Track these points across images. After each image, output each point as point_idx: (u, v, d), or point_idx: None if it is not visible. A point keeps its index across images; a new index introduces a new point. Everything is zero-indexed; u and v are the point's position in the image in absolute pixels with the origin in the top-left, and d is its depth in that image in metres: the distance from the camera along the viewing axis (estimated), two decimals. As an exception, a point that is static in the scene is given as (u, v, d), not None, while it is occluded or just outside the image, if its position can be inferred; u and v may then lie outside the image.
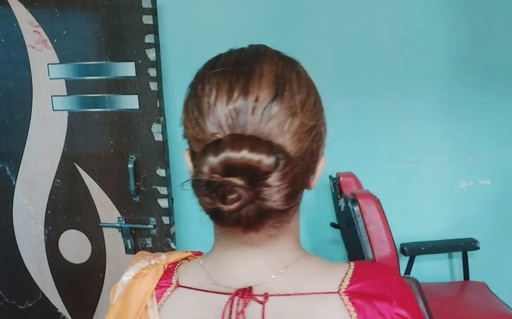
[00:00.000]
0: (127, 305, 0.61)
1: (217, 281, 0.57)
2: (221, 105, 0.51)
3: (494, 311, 1.91)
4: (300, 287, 0.54)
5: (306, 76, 0.56)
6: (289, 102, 0.51)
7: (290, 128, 0.50)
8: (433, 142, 2.27)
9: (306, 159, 0.53)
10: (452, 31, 2.18)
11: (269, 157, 0.47)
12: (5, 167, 1.95)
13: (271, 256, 0.56)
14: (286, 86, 0.51)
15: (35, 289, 2.04)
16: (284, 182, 0.48)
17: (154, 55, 1.75)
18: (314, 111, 0.53)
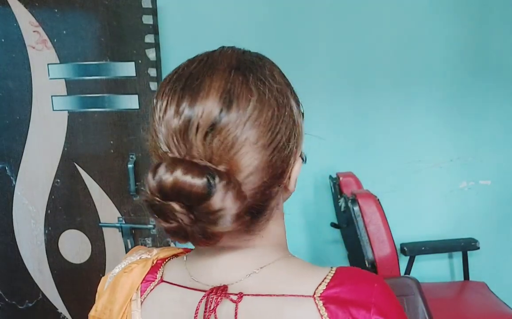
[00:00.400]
0: (113, 297, 0.62)
1: (195, 277, 0.58)
2: (168, 124, 0.50)
3: (494, 311, 1.91)
4: (275, 288, 0.54)
5: (265, 87, 0.52)
6: (235, 120, 0.49)
7: (237, 147, 0.49)
8: (433, 142, 2.27)
9: (265, 173, 0.52)
10: (453, 31, 2.18)
11: (202, 180, 0.46)
12: (5, 167, 1.95)
13: (248, 256, 0.56)
14: (233, 104, 0.50)
15: (35, 289, 2.04)
16: (227, 206, 0.47)
17: (154, 55, 1.75)
18: (269, 124, 0.51)
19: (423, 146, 2.27)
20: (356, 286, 0.53)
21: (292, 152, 0.55)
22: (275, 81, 0.54)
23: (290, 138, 0.54)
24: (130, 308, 0.61)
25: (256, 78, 0.52)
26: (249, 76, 0.52)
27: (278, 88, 0.54)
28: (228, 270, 0.56)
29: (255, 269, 0.55)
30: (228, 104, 0.49)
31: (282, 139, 0.53)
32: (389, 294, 0.54)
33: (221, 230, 0.49)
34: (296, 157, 0.57)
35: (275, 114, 0.52)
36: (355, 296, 0.52)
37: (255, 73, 0.53)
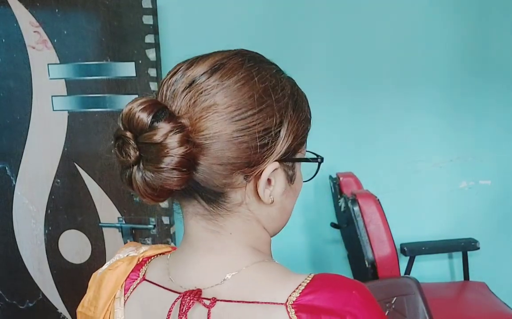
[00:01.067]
0: (98, 293, 0.64)
1: (173, 278, 0.59)
2: (165, 79, 0.56)
3: (494, 311, 1.91)
4: (248, 294, 0.53)
5: (257, 73, 0.55)
6: (212, 83, 0.52)
7: (205, 106, 0.52)
8: (433, 142, 2.27)
9: (228, 149, 0.52)
10: (453, 31, 2.18)
11: (149, 114, 0.49)
12: (5, 167, 1.95)
13: (223, 258, 0.57)
14: (217, 71, 0.53)
15: (35, 289, 2.04)
16: (169, 144, 0.49)
17: (154, 55, 1.75)
18: (246, 103, 0.53)
19: (423, 146, 2.27)
20: (332, 294, 0.51)
21: (267, 150, 0.54)
22: (273, 79, 0.56)
23: (268, 132, 0.54)
24: (114, 306, 0.62)
25: (252, 65, 0.55)
26: (248, 62, 0.55)
27: (274, 86, 0.55)
28: (204, 273, 0.57)
29: (230, 273, 0.56)
30: (213, 70, 0.53)
31: (256, 127, 0.53)
32: (368, 302, 0.52)
33: (165, 176, 0.50)
34: (270, 159, 0.55)
35: (254, 98, 0.53)
36: (330, 304, 0.50)
37: (256, 63, 0.56)
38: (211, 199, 0.55)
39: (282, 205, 0.60)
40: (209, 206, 0.56)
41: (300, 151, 0.60)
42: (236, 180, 0.55)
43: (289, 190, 0.60)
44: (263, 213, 0.59)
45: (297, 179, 0.61)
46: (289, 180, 0.59)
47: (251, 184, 0.56)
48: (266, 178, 0.55)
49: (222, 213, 0.56)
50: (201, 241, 0.58)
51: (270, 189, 0.57)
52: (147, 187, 0.51)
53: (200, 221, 0.57)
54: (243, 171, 0.54)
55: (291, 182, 0.60)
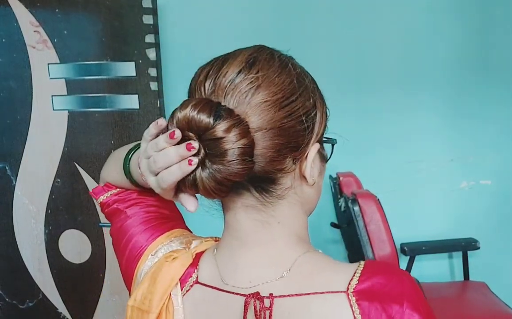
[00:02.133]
0: (154, 287, 0.61)
1: (224, 278, 0.59)
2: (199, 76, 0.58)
3: (494, 311, 1.91)
4: (304, 286, 0.54)
5: (288, 62, 0.58)
6: (256, 74, 0.54)
7: (252, 97, 0.53)
8: (433, 141, 2.27)
9: (276, 135, 0.54)
10: (454, 31, 2.18)
11: (209, 114, 0.51)
12: (5, 167, 1.95)
13: (271, 252, 0.58)
14: (256, 63, 0.55)
15: (36, 289, 2.04)
16: (231, 137, 0.51)
17: (154, 55, 1.75)
18: (287, 88, 0.55)
19: (424, 146, 2.27)
20: (387, 280, 0.52)
21: (309, 131, 0.57)
22: (299, 66, 0.60)
23: (308, 115, 0.57)
24: (171, 302, 0.61)
25: (280, 55, 0.58)
26: (275, 52, 0.59)
27: (303, 71, 0.60)
28: (255, 270, 0.57)
29: (283, 268, 0.56)
30: (250, 64, 0.55)
31: (299, 111, 0.55)
32: (417, 288, 0.53)
33: (229, 168, 0.51)
34: (312, 141, 0.58)
35: (294, 83, 0.56)
36: (387, 290, 0.51)
37: (281, 53, 0.59)
38: (263, 188, 0.57)
39: (318, 185, 0.62)
40: (261, 196, 0.57)
41: (325, 133, 0.63)
42: (287, 165, 0.56)
43: (322, 170, 0.63)
44: (305, 195, 0.60)
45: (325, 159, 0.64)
46: (323, 159, 0.63)
47: (297, 167, 0.58)
48: (311, 159, 0.58)
49: (272, 201, 0.57)
50: (249, 234, 0.58)
51: (313, 170, 0.59)
52: (213, 183, 0.53)
53: (251, 212, 0.58)
54: (293, 155, 0.56)
55: (324, 161, 0.63)
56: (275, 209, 0.58)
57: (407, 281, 0.52)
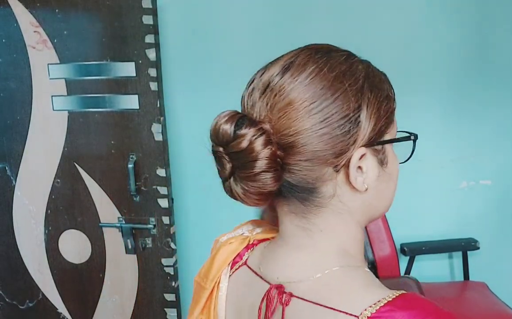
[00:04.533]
0: (211, 266, 0.68)
1: (261, 267, 0.62)
2: (246, 89, 0.58)
3: (494, 311, 1.91)
4: (325, 298, 0.53)
5: (326, 63, 0.55)
6: (287, 82, 0.53)
7: (284, 105, 0.53)
8: (433, 141, 2.27)
9: (311, 142, 0.52)
10: (454, 31, 2.18)
11: (231, 125, 0.52)
12: (5, 167, 1.95)
13: (310, 257, 0.57)
14: (289, 70, 0.54)
15: (35, 289, 2.04)
16: (255, 148, 0.51)
17: (154, 55, 1.75)
18: (320, 93, 0.53)
19: (423, 146, 2.25)
20: (408, 316, 0.48)
21: (350, 137, 0.53)
22: (343, 65, 0.56)
23: (347, 119, 0.53)
24: (220, 280, 0.66)
25: (320, 57, 0.56)
26: (315, 54, 0.56)
27: (345, 72, 0.55)
28: (288, 269, 0.58)
29: (313, 273, 0.56)
30: (284, 70, 0.54)
31: (334, 116, 0.53)
32: None
33: (256, 179, 0.52)
34: (356, 145, 0.54)
35: (327, 88, 0.53)
36: None
37: (323, 54, 0.57)
38: (304, 196, 0.56)
39: (377, 190, 0.58)
40: (302, 204, 0.56)
41: (388, 132, 0.59)
42: (325, 173, 0.54)
43: (383, 174, 0.59)
44: (358, 202, 0.57)
45: (391, 161, 0.60)
46: (381, 163, 0.58)
47: (341, 174, 0.55)
48: (355, 165, 0.54)
49: (314, 210, 0.56)
50: (292, 237, 0.58)
51: (363, 176, 0.56)
52: (247, 193, 0.54)
53: (293, 219, 0.58)
54: (331, 162, 0.54)
55: (383, 165, 0.59)
56: (318, 217, 0.57)
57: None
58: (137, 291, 1.97)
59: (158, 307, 1.96)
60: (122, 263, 1.95)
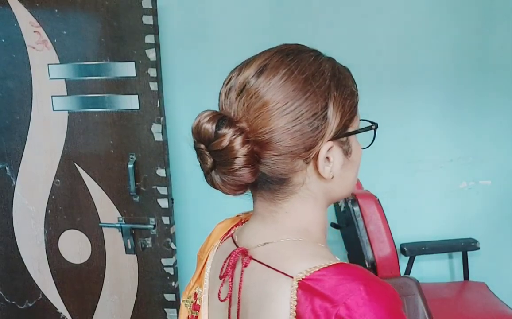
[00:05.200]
0: (207, 242, 0.78)
1: (236, 235, 0.71)
2: (222, 89, 0.63)
3: (494, 311, 1.91)
4: (275, 262, 0.59)
5: (297, 66, 0.60)
6: (261, 84, 0.59)
7: (259, 106, 0.58)
8: (433, 142, 2.27)
9: (285, 139, 0.58)
10: (453, 31, 2.18)
11: (212, 125, 0.57)
12: (5, 167, 1.95)
13: (271, 229, 0.64)
14: (263, 72, 0.59)
15: (35, 289, 2.04)
16: (235, 146, 0.57)
17: (154, 55, 1.75)
18: (292, 95, 0.58)
19: (423, 146, 2.27)
20: (338, 284, 0.52)
21: (319, 132, 0.59)
22: (312, 66, 0.61)
23: (316, 117, 0.59)
24: (210, 252, 0.75)
25: (291, 59, 0.61)
26: (287, 57, 0.61)
27: (314, 73, 0.60)
28: (252, 237, 0.66)
29: (271, 241, 0.63)
30: (259, 73, 0.60)
31: (305, 115, 0.58)
32: (372, 302, 0.50)
33: (235, 174, 0.58)
34: (324, 139, 0.60)
35: (298, 90, 0.59)
36: (329, 293, 0.51)
37: (295, 56, 0.62)
38: (276, 187, 0.63)
39: (342, 177, 0.65)
40: (273, 192, 0.63)
41: (351, 125, 0.64)
42: (296, 165, 0.61)
43: (347, 163, 0.65)
44: (323, 189, 0.64)
45: (354, 150, 0.67)
46: (346, 153, 0.64)
47: (311, 165, 0.62)
48: (323, 157, 0.61)
49: (283, 196, 0.63)
50: (262, 216, 0.66)
51: (330, 165, 0.62)
52: (226, 185, 0.60)
53: (264, 203, 0.65)
54: (302, 155, 0.60)
55: (348, 155, 0.65)
56: (286, 202, 0.63)
57: (361, 291, 0.51)
58: (137, 291, 1.97)
59: (158, 307, 1.96)
60: (122, 263, 1.95)
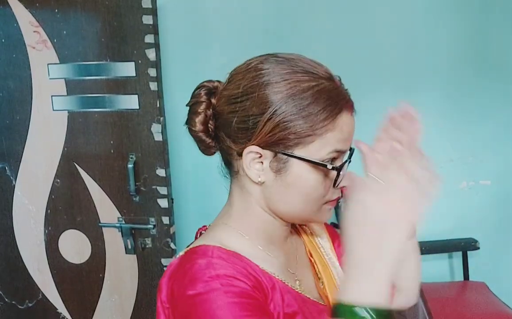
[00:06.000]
0: None
1: None
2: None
3: (494, 311, 1.91)
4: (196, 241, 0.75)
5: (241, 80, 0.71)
6: (234, 77, 0.74)
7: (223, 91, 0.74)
8: (433, 142, 2.26)
9: (228, 124, 0.71)
10: (453, 31, 2.18)
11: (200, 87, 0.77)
12: (5, 167, 1.95)
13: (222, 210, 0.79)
14: (244, 68, 0.73)
15: (35, 289, 2.04)
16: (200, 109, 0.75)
17: (154, 55, 1.75)
18: (234, 97, 0.71)
19: (423, 146, 2.26)
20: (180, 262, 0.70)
21: (247, 132, 0.69)
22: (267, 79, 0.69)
23: (248, 119, 0.68)
24: None
25: (265, 67, 0.71)
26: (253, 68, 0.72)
27: (262, 84, 0.69)
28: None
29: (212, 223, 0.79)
30: (243, 67, 0.74)
31: (239, 112, 0.69)
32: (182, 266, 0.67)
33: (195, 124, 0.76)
34: (251, 142, 0.69)
35: (242, 91, 0.70)
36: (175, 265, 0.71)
37: (270, 64, 0.71)
38: (229, 166, 0.76)
39: (276, 190, 0.70)
40: (229, 173, 0.77)
41: (293, 147, 0.68)
42: (233, 152, 0.72)
43: (280, 181, 0.70)
44: (256, 189, 0.72)
45: (296, 176, 0.69)
46: (275, 170, 0.69)
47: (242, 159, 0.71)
48: (246, 157, 0.69)
49: (231, 180, 0.76)
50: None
51: (258, 170, 0.70)
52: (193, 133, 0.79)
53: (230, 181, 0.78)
54: (235, 146, 0.71)
55: (279, 172, 0.69)
56: (232, 184, 0.76)
57: (193, 266, 0.65)
58: (137, 291, 1.97)
59: (158, 307, 1.96)
60: (122, 263, 1.95)
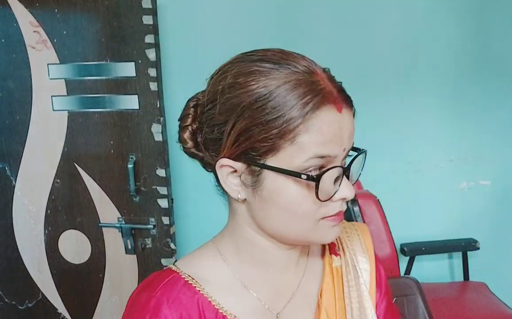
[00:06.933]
0: None
1: None
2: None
3: (494, 311, 1.91)
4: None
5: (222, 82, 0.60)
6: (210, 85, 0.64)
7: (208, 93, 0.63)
8: (433, 142, 2.27)
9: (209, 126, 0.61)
10: (453, 31, 2.18)
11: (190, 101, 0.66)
12: (5, 167, 1.95)
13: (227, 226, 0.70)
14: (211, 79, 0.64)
15: (35, 289, 2.04)
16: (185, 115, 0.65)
17: (154, 55, 1.75)
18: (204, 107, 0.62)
19: (423, 146, 2.27)
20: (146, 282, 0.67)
21: (216, 143, 0.61)
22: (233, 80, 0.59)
23: (213, 132, 0.60)
24: None
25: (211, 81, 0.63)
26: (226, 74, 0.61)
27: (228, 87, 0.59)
28: None
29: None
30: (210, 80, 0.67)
31: (208, 125, 0.61)
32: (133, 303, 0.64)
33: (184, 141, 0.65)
34: (222, 154, 0.60)
35: (212, 97, 0.61)
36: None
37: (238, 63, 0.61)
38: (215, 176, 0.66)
39: (257, 207, 0.61)
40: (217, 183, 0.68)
41: (263, 157, 0.57)
42: (205, 156, 0.64)
43: (256, 195, 0.60)
44: (242, 209, 0.64)
45: (269, 190, 0.58)
46: (250, 184, 0.59)
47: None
48: (219, 170, 0.61)
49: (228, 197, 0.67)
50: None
51: (237, 185, 0.61)
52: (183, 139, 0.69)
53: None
54: (211, 158, 0.62)
55: (252, 187, 0.59)
56: (230, 207, 0.68)
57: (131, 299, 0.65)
58: (137, 291, 1.96)
59: (158, 307, 1.96)
60: (122, 263, 1.95)
